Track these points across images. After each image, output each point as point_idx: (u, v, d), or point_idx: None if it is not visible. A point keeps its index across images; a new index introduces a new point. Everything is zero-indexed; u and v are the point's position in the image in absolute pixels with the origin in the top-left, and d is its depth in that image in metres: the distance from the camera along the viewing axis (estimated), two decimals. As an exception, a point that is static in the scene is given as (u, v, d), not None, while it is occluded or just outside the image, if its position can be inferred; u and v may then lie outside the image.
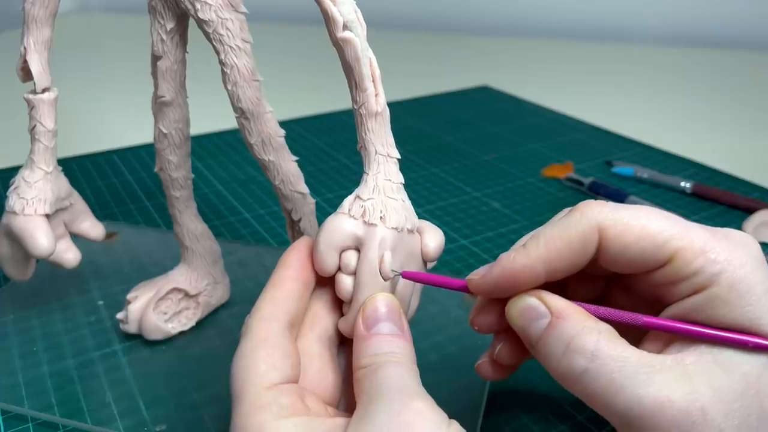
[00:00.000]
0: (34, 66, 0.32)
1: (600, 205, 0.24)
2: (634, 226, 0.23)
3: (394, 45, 1.06)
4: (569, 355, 0.22)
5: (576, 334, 0.22)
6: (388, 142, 0.27)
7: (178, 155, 0.34)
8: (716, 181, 0.59)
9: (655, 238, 0.23)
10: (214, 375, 0.34)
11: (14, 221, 0.34)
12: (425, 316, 0.38)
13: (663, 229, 0.23)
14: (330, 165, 0.63)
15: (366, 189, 0.26)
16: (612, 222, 0.23)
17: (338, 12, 0.25)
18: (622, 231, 0.23)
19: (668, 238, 0.22)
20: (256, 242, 0.49)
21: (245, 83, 0.29)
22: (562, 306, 0.23)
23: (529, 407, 0.33)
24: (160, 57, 0.31)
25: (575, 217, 0.23)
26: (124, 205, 0.54)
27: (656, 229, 0.23)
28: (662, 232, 0.23)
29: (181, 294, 0.37)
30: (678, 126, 0.76)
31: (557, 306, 0.23)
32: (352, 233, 0.26)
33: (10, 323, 0.38)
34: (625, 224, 0.23)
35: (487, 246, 0.48)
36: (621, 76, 0.94)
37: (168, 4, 0.30)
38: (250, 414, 0.22)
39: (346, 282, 0.26)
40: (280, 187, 0.32)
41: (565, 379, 0.23)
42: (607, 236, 0.23)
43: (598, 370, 0.22)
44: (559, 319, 0.23)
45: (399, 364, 0.23)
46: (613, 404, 0.22)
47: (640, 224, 0.23)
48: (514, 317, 0.24)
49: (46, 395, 0.33)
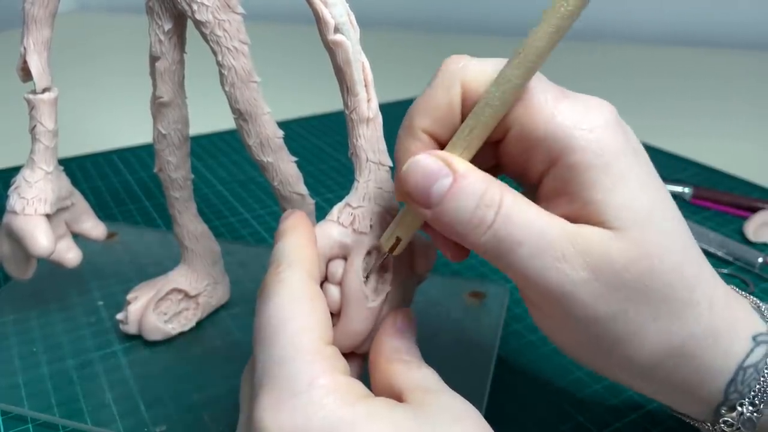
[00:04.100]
0: (34, 66, 0.33)
1: (460, 59, 0.23)
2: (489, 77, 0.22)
3: (392, 45, 1.06)
4: (482, 209, 0.21)
5: (486, 188, 0.21)
6: (380, 149, 0.26)
7: (178, 156, 0.34)
8: (716, 182, 0.59)
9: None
10: (214, 376, 0.34)
11: (15, 221, 0.34)
12: (425, 317, 0.38)
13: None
14: (330, 165, 0.63)
15: (356, 196, 0.26)
16: (471, 74, 0.22)
17: (329, 14, 0.25)
18: (478, 86, 0.22)
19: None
20: (256, 243, 0.48)
21: (243, 84, 0.29)
22: (464, 165, 0.22)
23: (530, 408, 0.33)
24: (158, 58, 0.31)
25: (438, 76, 0.23)
26: (123, 205, 0.54)
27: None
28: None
29: (181, 294, 0.37)
30: (678, 126, 0.76)
31: (460, 165, 0.22)
32: (340, 241, 0.25)
33: (10, 324, 0.38)
34: (481, 76, 0.22)
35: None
36: (620, 75, 0.94)
37: (165, 5, 0.30)
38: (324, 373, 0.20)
39: (333, 292, 0.25)
40: (279, 188, 0.32)
41: (474, 232, 0.22)
42: (468, 89, 0.22)
43: (506, 220, 0.21)
44: (465, 177, 0.22)
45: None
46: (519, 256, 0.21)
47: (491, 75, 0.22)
48: (412, 179, 0.22)
49: (45, 396, 0.33)
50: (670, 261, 0.22)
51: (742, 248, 0.47)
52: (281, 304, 0.22)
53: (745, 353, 0.23)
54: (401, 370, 0.23)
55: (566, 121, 0.21)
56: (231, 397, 0.33)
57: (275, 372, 0.21)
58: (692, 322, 0.22)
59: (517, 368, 0.36)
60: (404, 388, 0.22)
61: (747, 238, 0.49)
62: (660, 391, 0.25)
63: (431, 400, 0.21)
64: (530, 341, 0.38)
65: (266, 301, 0.22)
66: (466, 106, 0.22)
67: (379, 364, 0.24)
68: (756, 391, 0.23)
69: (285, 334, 0.21)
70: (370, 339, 0.25)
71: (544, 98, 0.22)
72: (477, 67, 0.22)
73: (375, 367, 0.24)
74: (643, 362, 0.23)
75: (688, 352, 0.23)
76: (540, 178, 0.23)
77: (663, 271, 0.21)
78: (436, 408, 0.21)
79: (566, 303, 0.22)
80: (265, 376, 0.21)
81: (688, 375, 0.23)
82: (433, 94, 0.23)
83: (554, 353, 0.36)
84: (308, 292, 0.23)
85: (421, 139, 0.23)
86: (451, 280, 0.42)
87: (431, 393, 0.22)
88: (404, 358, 0.24)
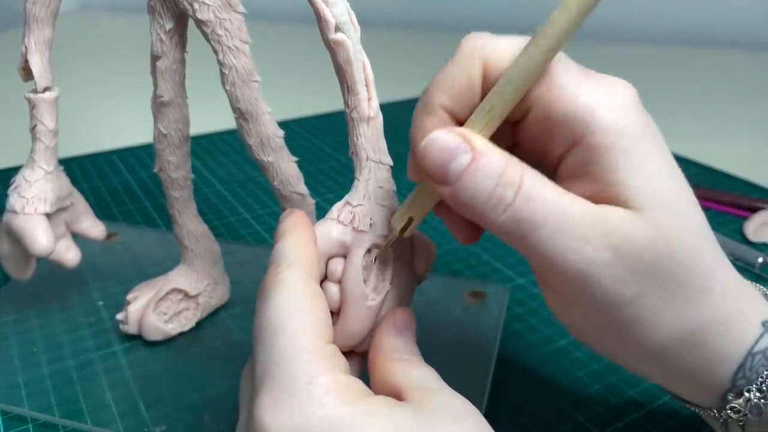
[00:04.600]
0: (35, 65, 0.33)
1: (481, 35, 0.23)
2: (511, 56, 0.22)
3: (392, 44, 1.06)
4: (502, 188, 0.21)
5: (506, 167, 0.21)
6: (380, 148, 0.26)
7: (178, 156, 0.34)
8: (716, 182, 0.59)
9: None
10: (214, 375, 0.34)
11: (14, 220, 0.34)
12: (425, 317, 0.38)
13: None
14: (330, 165, 0.63)
15: (356, 195, 0.26)
16: (491, 51, 0.22)
17: (330, 13, 0.25)
18: (499, 63, 0.22)
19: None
20: (256, 243, 0.48)
21: (243, 84, 0.29)
22: (484, 142, 0.22)
23: (529, 408, 0.33)
24: (159, 57, 0.31)
25: (458, 53, 0.23)
26: (123, 205, 0.54)
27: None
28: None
29: (181, 294, 0.37)
30: (678, 126, 0.76)
31: (479, 142, 0.22)
32: (339, 240, 0.25)
33: (10, 324, 0.38)
34: (502, 53, 0.22)
35: (486, 245, 0.48)
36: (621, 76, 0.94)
37: (167, 4, 0.30)
38: (323, 372, 0.20)
39: (333, 291, 0.25)
40: (279, 188, 0.32)
41: (493, 212, 0.21)
42: (488, 67, 0.22)
43: (526, 199, 0.21)
44: (484, 155, 0.21)
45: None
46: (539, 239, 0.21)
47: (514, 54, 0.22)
48: (431, 155, 0.22)
49: (45, 396, 0.33)
50: (688, 244, 0.22)
51: (742, 248, 0.47)
52: (281, 304, 0.22)
53: (755, 339, 0.23)
54: (401, 368, 0.23)
55: (589, 101, 0.21)
56: (231, 397, 0.33)
57: (275, 371, 0.21)
58: (706, 308, 0.22)
59: (517, 368, 0.36)
60: (404, 386, 0.22)
61: (747, 238, 0.49)
62: (668, 377, 0.25)
63: (431, 399, 0.21)
64: (530, 341, 0.38)
65: (266, 301, 0.22)
66: (486, 83, 0.22)
67: (378, 362, 0.24)
68: (764, 377, 0.23)
69: (285, 334, 0.21)
70: (370, 338, 0.25)
71: (566, 78, 0.21)
72: (498, 44, 0.22)
73: (374, 365, 0.24)
74: (654, 347, 0.23)
75: (699, 339, 0.23)
76: (560, 158, 0.22)
77: (681, 254, 0.21)
78: (436, 407, 0.21)
79: (586, 285, 0.21)
80: (265, 375, 0.21)
81: (698, 361, 0.23)
82: (453, 70, 0.22)
83: (554, 353, 0.37)
84: (308, 291, 0.23)
85: (438, 116, 0.23)
86: (451, 280, 0.42)
87: (431, 392, 0.22)
88: (404, 357, 0.24)
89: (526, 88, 0.21)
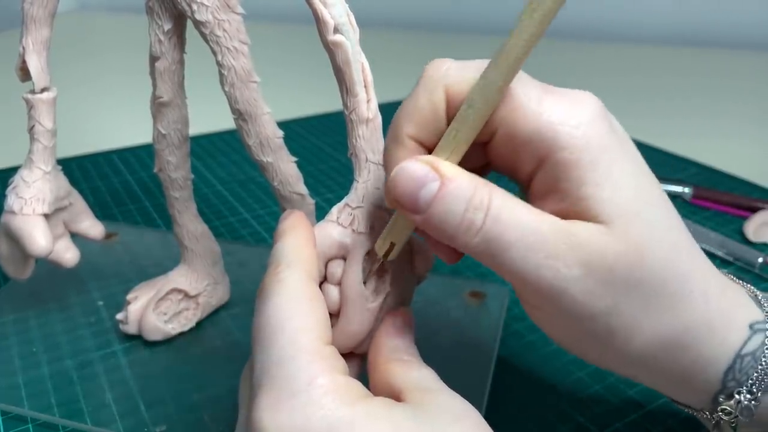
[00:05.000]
0: (33, 66, 0.32)
1: (442, 63, 0.23)
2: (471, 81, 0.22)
3: (392, 45, 1.06)
4: (471, 212, 0.21)
5: (474, 191, 0.21)
6: (379, 150, 0.26)
7: (177, 156, 0.34)
8: (716, 182, 0.59)
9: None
10: (214, 375, 0.34)
11: (12, 221, 0.34)
12: (425, 317, 0.38)
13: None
14: (330, 165, 0.63)
15: (356, 197, 0.26)
16: (454, 77, 0.22)
17: (329, 15, 0.24)
18: (462, 89, 0.22)
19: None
20: (256, 243, 0.48)
21: (242, 85, 0.29)
22: (451, 168, 0.22)
23: (529, 408, 0.33)
24: (158, 58, 0.31)
25: (420, 82, 0.23)
26: (123, 205, 0.54)
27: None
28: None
29: (181, 294, 0.37)
30: (678, 126, 0.76)
31: (447, 169, 0.22)
32: (339, 242, 0.25)
33: (9, 324, 0.38)
34: (464, 79, 0.22)
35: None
36: (621, 76, 0.94)
37: (165, 5, 0.30)
38: (322, 372, 0.21)
39: (333, 293, 0.25)
40: (278, 188, 0.31)
41: (464, 236, 0.21)
42: (451, 93, 0.22)
43: (496, 221, 0.21)
44: (452, 181, 0.21)
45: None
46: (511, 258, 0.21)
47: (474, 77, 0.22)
48: (400, 185, 0.22)
49: (45, 396, 0.33)
50: (660, 252, 0.22)
51: (742, 248, 0.47)
52: (280, 304, 0.22)
53: (743, 342, 0.23)
54: (400, 369, 0.23)
55: (551, 118, 0.21)
56: (231, 397, 0.33)
57: (274, 372, 0.21)
58: (686, 313, 0.22)
59: (517, 368, 0.36)
60: (403, 387, 0.22)
61: (747, 238, 0.49)
62: (658, 382, 0.25)
63: (430, 400, 0.21)
64: (530, 341, 0.38)
65: (265, 302, 0.22)
66: (450, 110, 0.22)
67: (378, 363, 0.24)
68: (754, 379, 0.23)
69: (284, 335, 0.21)
70: (369, 339, 0.25)
71: (527, 97, 0.21)
72: (459, 70, 0.22)
73: (374, 366, 0.24)
74: (638, 354, 0.23)
75: (683, 343, 0.23)
76: (530, 176, 0.23)
77: (652, 263, 0.21)
78: (436, 408, 0.21)
79: (561, 300, 0.22)
80: (264, 376, 0.21)
81: (684, 365, 0.23)
82: (417, 100, 0.23)
83: (554, 353, 0.36)
84: (307, 292, 0.23)
85: (407, 146, 0.23)
86: (451, 280, 0.42)
87: (430, 393, 0.22)
88: (403, 358, 0.24)
89: (489, 111, 0.21)
